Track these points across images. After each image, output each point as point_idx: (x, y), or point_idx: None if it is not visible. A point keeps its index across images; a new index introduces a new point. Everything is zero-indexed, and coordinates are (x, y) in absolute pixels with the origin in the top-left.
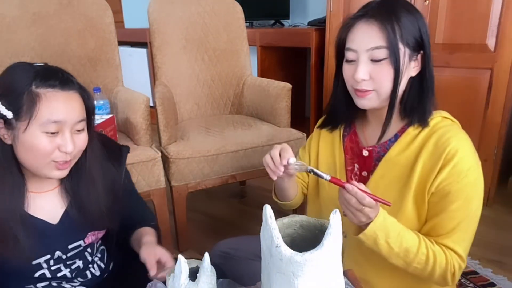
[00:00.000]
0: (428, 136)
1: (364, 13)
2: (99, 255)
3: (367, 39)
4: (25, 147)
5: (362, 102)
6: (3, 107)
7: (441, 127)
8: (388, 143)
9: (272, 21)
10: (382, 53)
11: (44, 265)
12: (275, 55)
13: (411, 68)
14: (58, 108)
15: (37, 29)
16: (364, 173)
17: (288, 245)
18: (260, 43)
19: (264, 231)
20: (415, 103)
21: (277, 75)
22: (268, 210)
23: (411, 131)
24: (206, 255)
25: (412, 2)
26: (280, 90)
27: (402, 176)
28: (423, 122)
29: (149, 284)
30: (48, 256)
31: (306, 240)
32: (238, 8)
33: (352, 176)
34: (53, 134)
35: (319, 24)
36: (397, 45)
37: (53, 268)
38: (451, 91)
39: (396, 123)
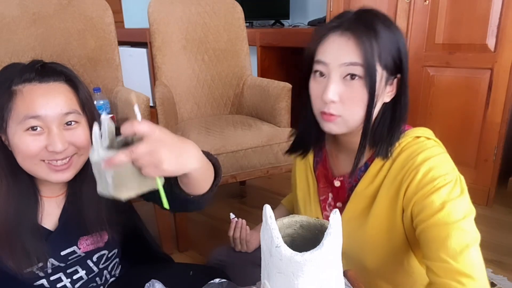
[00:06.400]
0: (391, 164)
1: (339, 24)
2: (109, 269)
3: (341, 53)
4: (14, 150)
5: (329, 127)
6: None
7: (408, 147)
8: (358, 172)
9: (272, 21)
10: (357, 71)
11: (41, 274)
12: (275, 55)
13: (385, 93)
14: (35, 102)
15: (37, 29)
16: (339, 204)
17: (288, 245)
18: (260, 43)
19: (264, 231)
20: (384, 133)
21: (277, 75)
22: (268, 210)
23: (379, 160)
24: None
25: (412, 3)
26: (280, 90)
27: (365, 208)
28: (386, 154)
29: (147, 284)
30: (41, 264)
31: (306, 240)
32: (238, 8)
33: (327, 207)
34: (36, 131)
35: (319, 24)
36: (374, 65)
37: (52, 278)
38: (451, 91)
39: (366, 152)
